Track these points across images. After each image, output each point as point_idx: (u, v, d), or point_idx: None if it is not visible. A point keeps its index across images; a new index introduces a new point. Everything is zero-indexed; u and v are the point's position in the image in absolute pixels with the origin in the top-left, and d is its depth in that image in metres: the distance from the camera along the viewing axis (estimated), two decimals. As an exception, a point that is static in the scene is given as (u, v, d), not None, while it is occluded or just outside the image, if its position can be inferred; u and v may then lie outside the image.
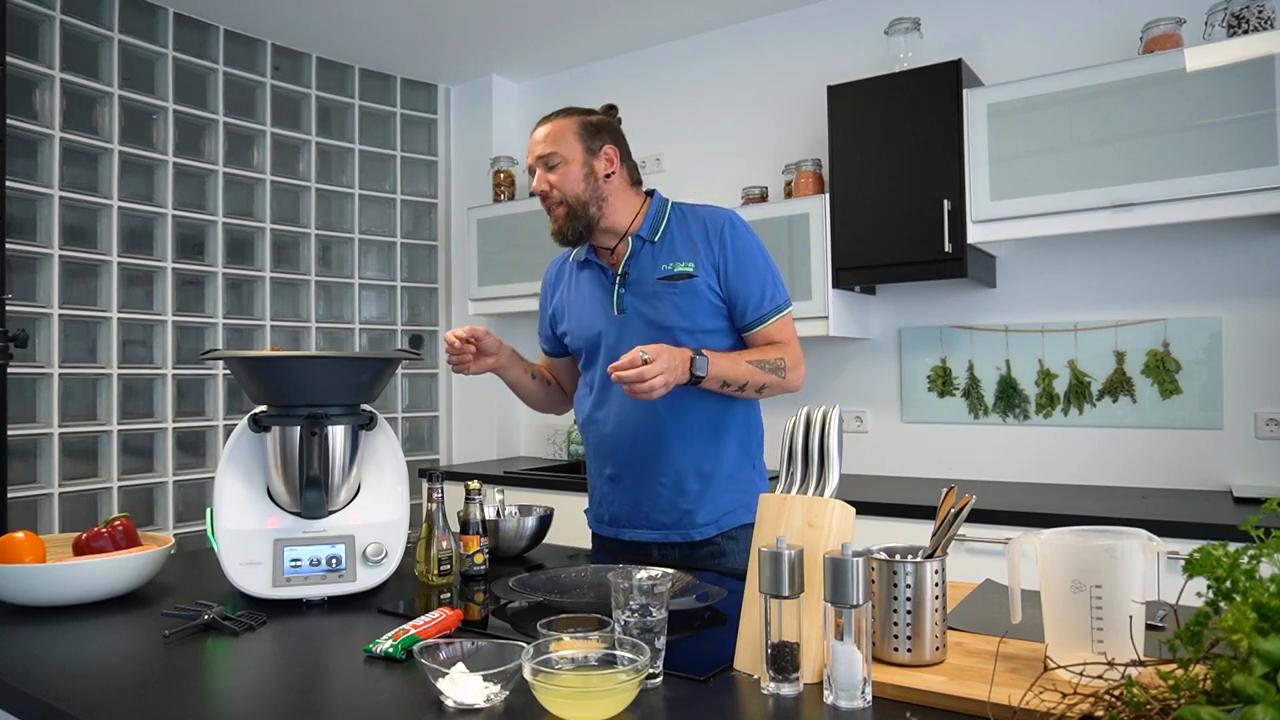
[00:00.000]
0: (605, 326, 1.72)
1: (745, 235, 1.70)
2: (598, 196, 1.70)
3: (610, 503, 1.78)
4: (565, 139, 1.69)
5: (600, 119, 1.74)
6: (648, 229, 1.72)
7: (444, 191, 4.22)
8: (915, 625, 0.99)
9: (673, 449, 1.68)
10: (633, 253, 1.72)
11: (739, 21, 3.52)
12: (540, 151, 1.70)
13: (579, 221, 1.70)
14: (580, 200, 1.69)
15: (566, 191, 1.68)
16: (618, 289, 1.72)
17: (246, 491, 1.47)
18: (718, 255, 1.68)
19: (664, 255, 1.70)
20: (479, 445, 4.07)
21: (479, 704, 0.93)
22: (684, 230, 1.72)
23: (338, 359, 1.57)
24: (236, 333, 3.55)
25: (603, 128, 1.74)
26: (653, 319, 1.67)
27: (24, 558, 1.40)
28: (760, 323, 1.69)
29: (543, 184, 1.70)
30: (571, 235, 1.71)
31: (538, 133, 1.72)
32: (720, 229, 1.69)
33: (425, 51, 3.79)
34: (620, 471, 1.74)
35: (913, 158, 2.72)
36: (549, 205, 1.71)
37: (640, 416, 1.68)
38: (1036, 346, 2.88)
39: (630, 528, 1.74)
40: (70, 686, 1.04)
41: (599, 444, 1.77)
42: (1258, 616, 0.64)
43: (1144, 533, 0.94)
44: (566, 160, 1.68)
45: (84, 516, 3.02)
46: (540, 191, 1.70)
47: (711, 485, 1.69)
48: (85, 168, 3.08)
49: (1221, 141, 2.28)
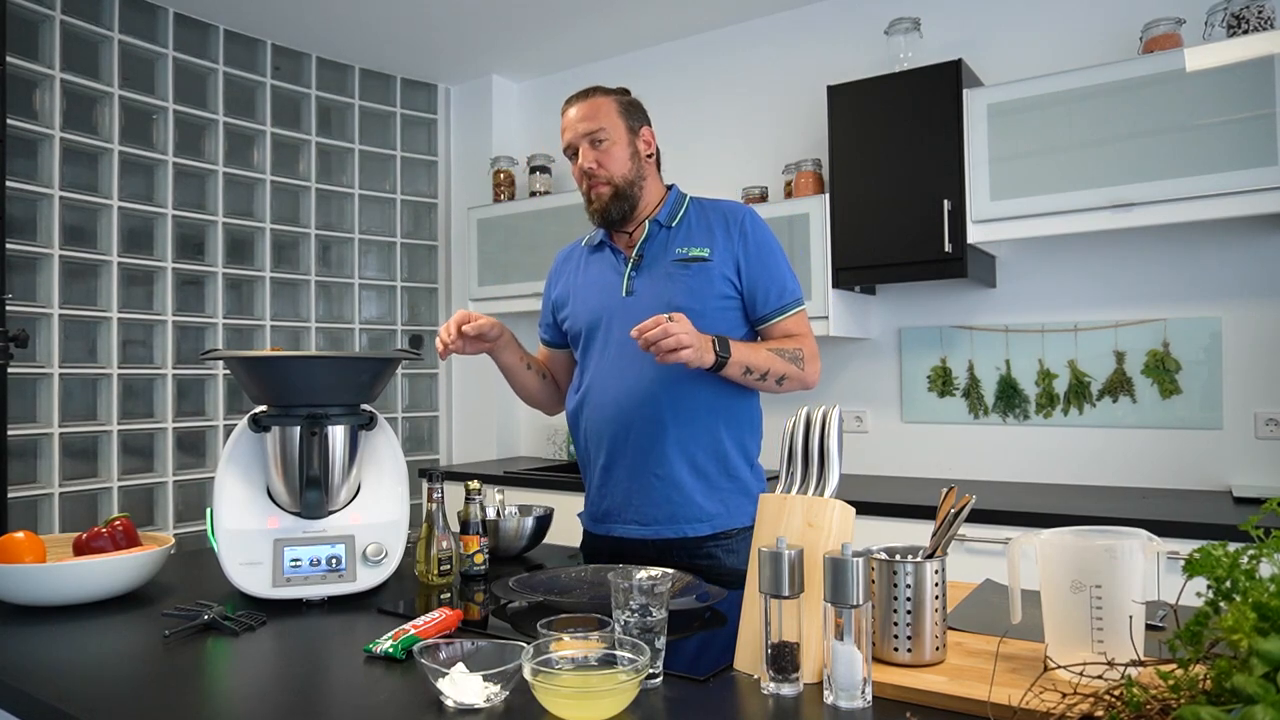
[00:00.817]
0: (610, 308, 1.69)
1: (764, 229, 1.70)
2: (640, 176, 1.70)
3: (602, 496, 1.72)
4: (609, 116, 1.67)
5: (632, 99, 1.73)
6: (666, 214, 1.71)
7: (444, 191, 4.22)
8: (915, 625, 0.99)
9: (669, 437, 1.63)
10: (649, 236, 1.70)
11: (739, 21, 3.52)
12: (586, 129, 1.66)
13: (624, 202, 1.68)
14: (627, 180, 1.67)
15: (614, 171, 1.66)
16: (629, 272, 1.69)
17: (246, 491, 1.47)
18: (737, 246, 1.66)
19: (679, 239, 1.69)
20: (479, 445, 4.07)
21: (479, 704, 0.93)
22: (703, 219, 1.71)
23: (338, 359, 1.56)
24: (236, 333, 3.55)
25: (637, 108, 1.73)
26: (662, 298, 1.63)
27: (24, 558, 1.40)
28: (780, 314, 1.67)
29: (590, 161, 1.66)
30: (616, 216, 1.68)
31: (575, 111, 1.68)
32: (741, 221, 1.69)
33: (425, 51, 3.79)
34: (613, 460, 1.69)
35: (913, 158, 2.72)
36: (593, 184, 1.67)
37: (638, 400, 1.64)
38: (1036, 346, 2.88)
39: (621, 523, 1.69)
40: (70, 686, 1.04)
41: (593, 432, 1.71)
42: (1258, 616, 0.64)
43: (1144, 533, 0.94)
44: (612, 139, 1.65)
45: (84, 516, 3.02)
46: (587, 170, 1.66)
47: (707, 481, 1.65)
48: (85, 168, 3.08)
49: (1221, 141, 2.28)
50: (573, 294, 1.78)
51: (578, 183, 1.73)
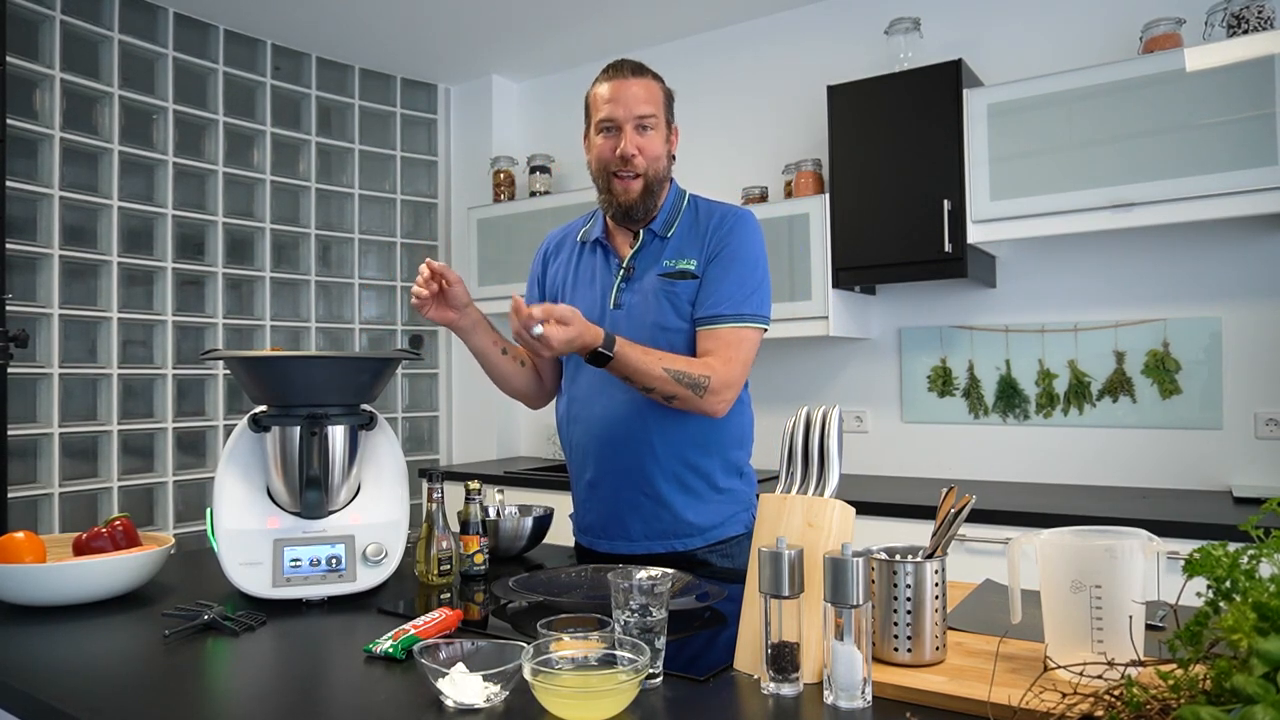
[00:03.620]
0: (597, 320, 1.58)
1: (747, 235, 1.59)
2: (666, 175, 1.60)
3: (587, 510, 1.68)
4: (660, 104, 1.55)
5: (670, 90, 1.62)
6: (661, 223, 1.61)
7: (444, 191, 4.22)
8: (915, 625, 0.99)
9: (655, 456, 1.57)
10: (642, 245, 1.61)
11: (739, 21, 3.52)
12: (643, 111, 1.53)
13: (650, 199, 1.57)
14: (658, 177, 1.57)
15: (650, 163, 1.55)
16: (619, 284, 1.62)
17: (246, 491, 1.47)
18: (711, 246, 1.57)
19: (670, 250, 1.60)
20: (479, 445, 4.07)
21: (479, 704, 0.93)
22: (695, 226, 1.61)
23: (338, 359, 1.56)
24: (236, 333, 3.55)
25: (673, 102, 1.61)
26: (649, 318, 1.57)
27: (24, 558, 1.40)
28: (713, 321, 1.53)
29: (634, 146, 1.52)
30: (640, 213, 1.58)
31: (636, 86, 1.54)
32: (727, 222, 1.59)
33: (425, 51, 3.79)
34: (599, 478, 1.63)
35: (913, 158, 2.72)
36: (624, 173, 1.54)
37: (622, 419, 1.58)
38: (1036, 346, 2.88)
39: (607, 539, 1.64)
40: (70, 686, 1.04)
41: (579, 446, 1.66)
42: (1258, 616, 0.64)
43: (1144, 533, 0.94)
44: (658, 128, 1.54)
45: (84, 516, 3.02)
46: (628, 155, 1.53)
47: (696, 497, 1.59)
48: (85, 168, 3.08)
49: (1221, 141, 2.28)
50: (564, 291, 1.71)
51: (600, 165, 1.59)
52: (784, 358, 3.37)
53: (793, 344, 3.32)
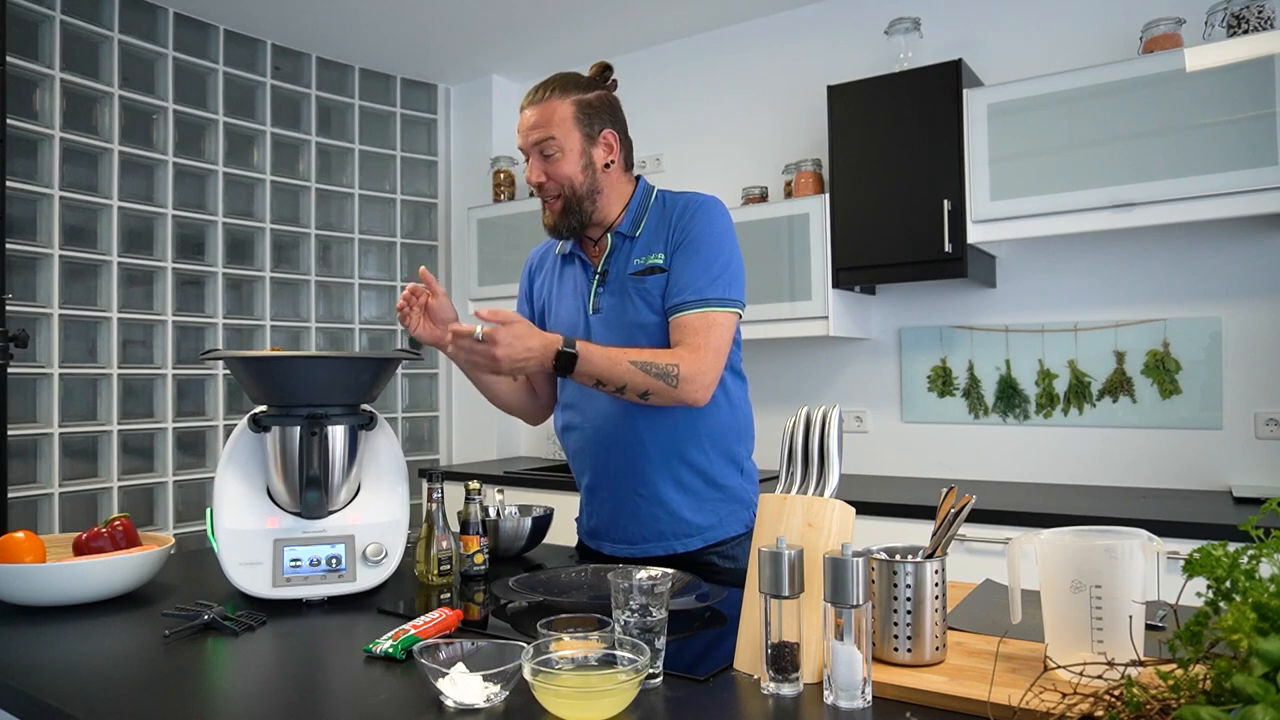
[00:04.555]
0: (579, 327, 1.62)
1: (708, 221, 1.56)
2: (595, 189, 1.57)
3: (590, 514, 1.69)
4: (562, 124, 1.54)
5: (598, 96, 1.58)
6: (628, 224, 1.61)
7: (444, 191, 4.22)
8: (915, 625, 0.99)
9: (650, 457, 1.57)
10: (612, 249, 1.61)
11: (739, 21, 3.52)
12: (535, 138, 1.54)
13: (573, 217, 1.57)
14: (577, 194, 1.56)
15: (563, 185, 1.55)
16: (595, 288, 1.62)
17: (246, 491, 1.47)
18: (675, 237, 1.56)
19: (639, 249, 1.59)
20: (479, 445, 4.07)
21: (479, 704, 0.93)
22: (662, 220, 1.59)
23: (338, 359, 1.56)
24: (236, 333, 3.55)
25: (600, 107, 1.58)
26: (627, 318, 1.56)
27: (24, 558, 1.40)
28: (679, 309, 1.51)
29: (538, 175, 1.56)
30: (565, 231, 1.59)
31: (529, 114, 1.55)
32: (690, 210, 1.57)
33: (425, 51, 3.79)
34: (597, 481, 1.64)
35: (913, 158, 2.72)
36: (544, 196, 1.59)
37: (616, 422, 1.58)
38: (1036, 346, 2.88)
39: (610, 541, 1.64)
40: (70, 686, 1.04)
41: (576, 452, 1.67)
42: (1258, 616, 0.64)
43: (1144, 533, 0.94)
44: (563, 149, 1.54)
45: (84, 516, 3.02)
46: (535, 184, 1.58)
47: (695, 496, 1.59)
48: (85, 168, 3.08)
49: (1221, 141, 2.28)
50: (549, 304, 1.72)
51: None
52: (784, 358, 3.37)
53: (793, 344, 3.32)
